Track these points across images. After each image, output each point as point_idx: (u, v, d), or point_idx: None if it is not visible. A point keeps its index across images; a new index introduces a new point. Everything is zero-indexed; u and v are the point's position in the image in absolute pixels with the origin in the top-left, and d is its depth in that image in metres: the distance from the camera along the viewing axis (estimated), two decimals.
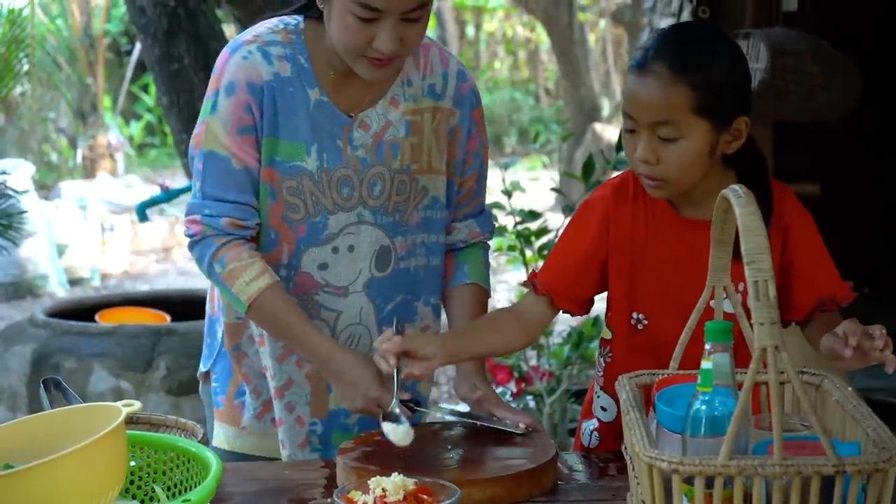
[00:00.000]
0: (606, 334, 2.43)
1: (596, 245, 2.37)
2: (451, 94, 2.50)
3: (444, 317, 2.62)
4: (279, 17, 2.46)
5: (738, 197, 1.73)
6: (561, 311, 2.43)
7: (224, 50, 2.43)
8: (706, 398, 1.75)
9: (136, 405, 1.98)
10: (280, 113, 2.38)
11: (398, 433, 2.22)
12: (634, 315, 2.37)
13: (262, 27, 2.43)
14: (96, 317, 4.99)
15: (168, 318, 5.07)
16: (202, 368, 2.66)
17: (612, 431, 2.45)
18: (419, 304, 2.56)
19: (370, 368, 2.32)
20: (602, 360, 2.46)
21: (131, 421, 2.17)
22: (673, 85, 2.17)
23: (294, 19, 2.44)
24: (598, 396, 2.50)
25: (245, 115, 2.37)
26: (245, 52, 2.38)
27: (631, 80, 2.23)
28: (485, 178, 2.63)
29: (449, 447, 2.24)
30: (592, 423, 2.52)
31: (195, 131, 2.42)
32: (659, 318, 2.35)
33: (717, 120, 2.20)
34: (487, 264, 2.65)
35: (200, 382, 2.69)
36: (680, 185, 2.25)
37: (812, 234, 2.34)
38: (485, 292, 2.61)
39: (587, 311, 2.45)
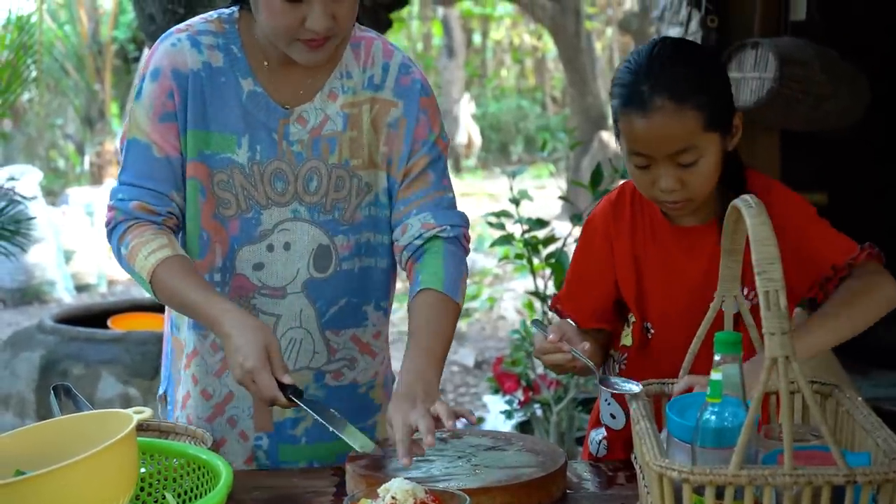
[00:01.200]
0: (627, 341, 2.45)
1: (603, 260, 2.41)
2: (391, 86, 2.39)
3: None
4: (218, 10, 2.40)
5: (748, 207, 1.73)
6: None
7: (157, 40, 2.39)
8: (716, 409, 1.75)
9: (147, 412, 1.98)
10: (209, 103, 2.32)
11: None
12: (645, 324, 2.39)
13: (198, 17, 2.38)
14: (108, 322, 4.99)
15: None
16: (159, 391, 2.57)
17: (621, 440, 2.46)
18: (369, 308, 2.44)
19: (258, 338, 2.16)
20: (617, 366, 2.47)
21: (141, 428, 2.18)
22: (682, 113, 2.17)
23: (231, 11, 2.38)
24: (609, 404, 2.50)
25: (168, 100, 2.31)
26: (174, 39, 2.33)
27: (635, 121, 2.20)
28: (442, 169, 2.45)
29: (458, 455, 2.24)
30: (600, 433, 2.53)
31: (124, 122, 2.38)
32: (664, 327, 2.38)
33: (722, 127, 2.24)
34: (448, 262, 2.38)
35: (159, 406, 2.57)
36: (702, 198, 2.27)
37: (801, 228, 2.31)
38: (438, 295, 2.33)
39: (618, 324, 2.47)
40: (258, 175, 2.33)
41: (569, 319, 2.44)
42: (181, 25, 2.36)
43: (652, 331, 2.39)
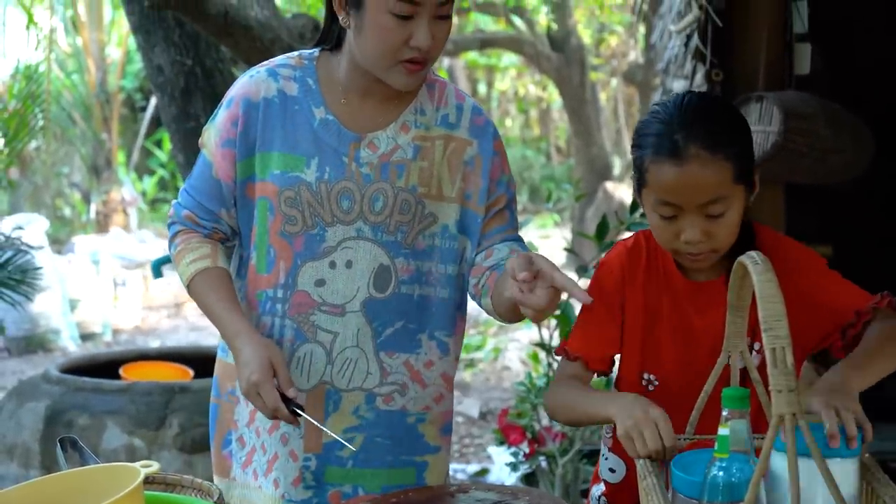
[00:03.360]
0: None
1: (616, 302, 2.41)
2: (467, 126, 2.52)
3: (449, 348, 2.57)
4: (300, 50, 2.57)
5: (755, 264, 1.74)
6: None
7: None
8: (723, 464, 1.75)
9: (155, 466, 1.98)
10: (280, 127, 2.45)
11: None
12: (645, 376, 2.39)
13: (282, 55, 2.56)
14: (120, 370, 4.98)
15: (191, 372, 5.06)
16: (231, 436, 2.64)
17: (621, 494, 2.45)
18: (423, 337, 2.52)
19: (266, 355, 2.31)
20: None
21: (146, 481, 2.17)
22: (715, 163, 2.18)
23: (312, 51, 2.54)
24: (606, 458, 2.50)
25: (231, 128, 2.46)
26: (254, 72, 2.51)
27: (667, 170, 2.20)
28: (514, 209, 2.60)
29: None
30: (600, 488, 2.52)
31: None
32: (669, 379, 2.38)
33: (748, 181, 2.26)
34: None
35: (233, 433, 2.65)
36: (724, 251, 2.27)
37: (815, 277, 2.33)
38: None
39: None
40: (325, 193, 2.43)
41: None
42: (264, 62, 2.54)
43: (655, 383, 2.39)
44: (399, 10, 2.29)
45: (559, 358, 2.47)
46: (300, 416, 2.31)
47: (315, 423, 2.37)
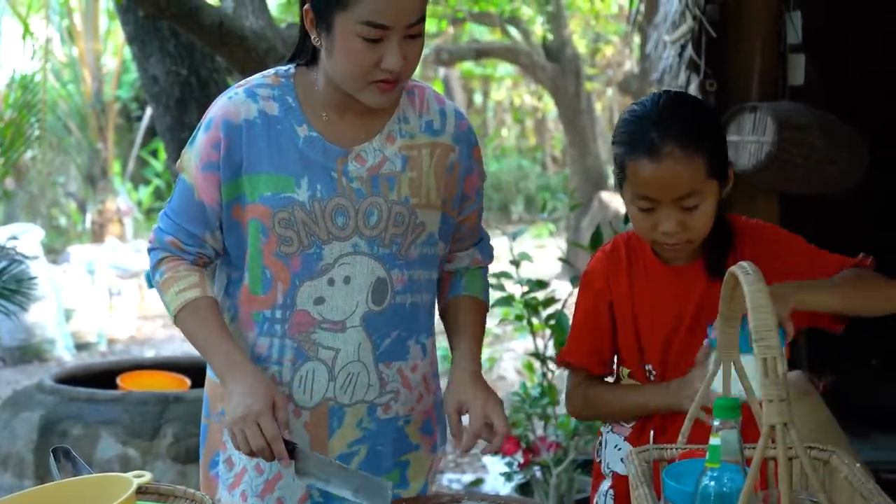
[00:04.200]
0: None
1: (604, 307, 2.52)
2: (451, 131, 2.53)
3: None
4: (276, 67, 2.54)
5: (746, 274, 1.75)
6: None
7: None
8: (715, 474, 1.75)
9: (147, 476, 1.98)
10: (266, 149, 2.41)
11: None
12: (646, 367, 2.50)
13: (257, 74, 2.52)
14: (118, 380, 4.97)
15: (189, 382, 5.06)
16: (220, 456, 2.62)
17: (628, 490, 2.48)
18: (411, 342, 2.53)
19: (268, 387, 2.31)
20: None
21: (140, 491, 2.17)
22: (689, 159, 2.29)
23: (287, 67, 2.51)
24: (619, 448, 2.56)
25: (213, 151, 2.42)
26: (232, 93, 2.46)
27: (644, 167, 2.32)
28: (482, 209, 2.69)
29: None
30: (607, 482, 2.57)
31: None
32: (664, 366, 2.48)
33: (721, 176, 2.37)
34: (486, 281, 2.72)
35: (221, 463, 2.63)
36: (699, 240, 2.40)
37: (801, 249, 2.50)
38: (480, 303, 2.67)
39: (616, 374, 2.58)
40: (319, 211, 2.41)
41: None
42: (241, 81, 2.51)
43: (654, 372, 2.49)
44: (367, 35, 2.26)
45: (561, 368, 2.57)
46: (297, 454, 2.30)
47: (324, 458, 2.36)
